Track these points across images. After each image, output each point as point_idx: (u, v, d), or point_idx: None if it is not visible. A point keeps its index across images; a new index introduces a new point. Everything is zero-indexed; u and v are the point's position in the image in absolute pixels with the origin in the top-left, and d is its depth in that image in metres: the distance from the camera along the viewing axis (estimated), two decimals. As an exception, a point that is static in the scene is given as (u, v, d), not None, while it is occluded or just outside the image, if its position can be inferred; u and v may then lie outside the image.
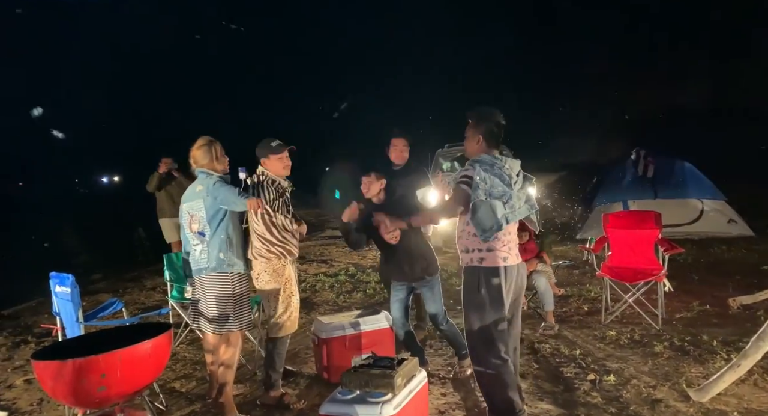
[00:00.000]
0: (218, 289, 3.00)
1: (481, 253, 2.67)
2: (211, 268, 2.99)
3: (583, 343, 4.02)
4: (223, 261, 2.97)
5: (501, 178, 2.66)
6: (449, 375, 3.54)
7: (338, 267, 7.51)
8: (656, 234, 4.63)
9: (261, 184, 3.13)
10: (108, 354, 2.24)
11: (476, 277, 2.68)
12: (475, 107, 2.85)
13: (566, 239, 8.36)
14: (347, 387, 2.55)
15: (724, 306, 4.65)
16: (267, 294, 3.18)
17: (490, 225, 2.61)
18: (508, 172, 2.70)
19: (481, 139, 2.76)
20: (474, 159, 2.74)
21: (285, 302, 3.18)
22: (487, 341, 2.66)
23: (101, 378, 2.23)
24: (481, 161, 2.70)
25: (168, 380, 3.71)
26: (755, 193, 10.04)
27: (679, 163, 8.33)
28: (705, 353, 3.65)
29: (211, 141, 3.13)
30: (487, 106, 2.85)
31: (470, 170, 2.66)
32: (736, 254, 6.89)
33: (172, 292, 4.38)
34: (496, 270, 2.64)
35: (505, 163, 2.73)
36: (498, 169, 2.67)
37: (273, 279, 3.14)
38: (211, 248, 2.98)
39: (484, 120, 2.77)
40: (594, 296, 5.24)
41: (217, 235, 2.98)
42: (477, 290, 2.67)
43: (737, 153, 13.90)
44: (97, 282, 7.19)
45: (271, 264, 3.14)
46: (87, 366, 2.20)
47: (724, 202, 7.92)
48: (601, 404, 3.02)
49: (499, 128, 2.77)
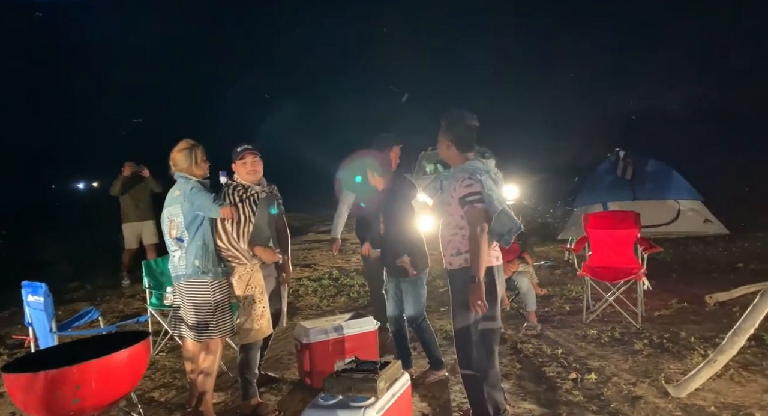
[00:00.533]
0: (197, 296, 2.95)
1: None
2: (187, 275, 2.94)
3: (565, 342, 4.06)
4: (198, 268, 2.92)
5: (495, 182, 2.69)
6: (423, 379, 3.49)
7: (322, 271, 7.47)
8: (635, 234, 4.70)
9: (227, 188, 3.14)
10: (82, 364, 2.18)
11: (454, 280, 2.68)
12: (446, 109, 2.83)
13: (547, 239, 8.44)
14: (330, 392, 2.53)
15: (702, 303, 4.74)
16: (241, 297, 3.14)
17: (508, 228, 2.61)
18: (495, 174, 2.73)
19: (451, 144, 2.74)
20: (465, 168, 2.68)
21: (247, 308, 3.12)
22: (481, 342, 2.66)
23: (75, 389, 2.17)
24: (477, 169, 2.66)
25: (147, 389, 3.63)
26: (730, 193, 10.28)
27: (656, 164, 8.51)
28: (683, 349, 3.71)
29: (193, 145, 3.09)
30: (458, 108, 2.82)
31: (474, 184, 2.60)
32: (712, 253, 7.04)
33: (151, 299, 4.30)
34: (490, 270, 2.66)
35: (487, 164, 2.75)
36: (493, 173, 2.71)
37: (237, 285, 3.12)
38: (188, 255, 2.94)
39: (452, 124, 2.75)
40: (575, 295, 5.29)
41: (195, 241, 2.94)
42: (454, 292, 2.68)
43: (713, 154, 14.24)
44: (74, 291, 7.01)
45: (236, 270, 3.10)
46: (60, 378, 2.14)
47: (701, 202, 8.10)
48: (583, 402, 3.04)
49: (470, 130, 2.75)
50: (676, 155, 10.06)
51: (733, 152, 14.19)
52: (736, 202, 9.74)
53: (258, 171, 3.25)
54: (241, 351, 3.20)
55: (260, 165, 3.25)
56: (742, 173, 12.29)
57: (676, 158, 9.26)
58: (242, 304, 3.12)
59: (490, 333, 2.67)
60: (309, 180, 19.79)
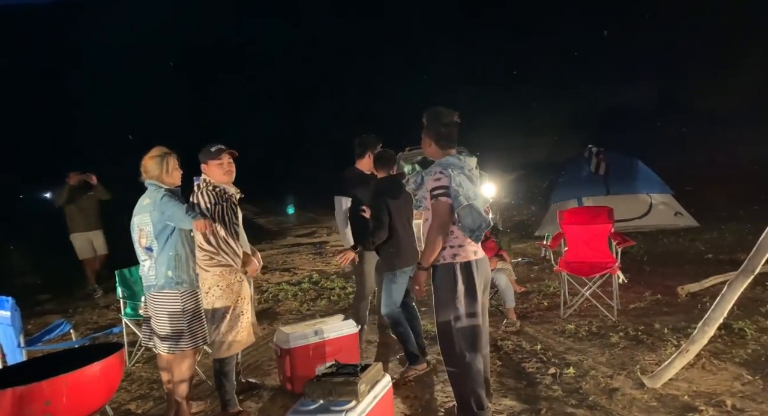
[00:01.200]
0: (168, 306, 2.88)
1: (453, 249, 2.69)
2: (159, 286, 2.87)
3: (543, 338, 4.11)
4: (171, 279, 2.85)
5: (470, 179, 2.71)
6: (407, 376, 3.53)
7: (301, 275, 7.41)
8: (609, 229, 4.79)
9: (200, 190, 3.06)
10: (52, 379, 2.11)
11: (452, 274, 2.68)
12: (429, 108, 2.85)
13: (524, 236, 8.56)
14: (310, 397, 2.50)
15: (674, 295, 4.86)
16: (214, 311, 3.04)
17: (478, 225, 2.64)
18: (470, 170, 2.76)
19: (431, 141, 2.80)
20: (440, 163, 2.73)
21: (233, 320, 3.06)
22: (464, 337, 2.68)
23: (45, 405, 2.10)
24: (450, 164, 2.70)
25: (123, 402, 3.54)
26: (698, 186, 10.59)
27: (628, 160, 8.72)
28: (657, 341, 3.80)
29: (166, 153, 3.00)
30: (439, 106, 2.84)
31: (443, 178, 2.64)
32: (683, 245, 7.23)
33: (126, 309, 4.20)
34: (470, 265, 2.69)
35: (465, 160, 2.77)
36: (467, 170, 2.73)
37: (225, 295, 3.04)
38: (159, 265, 2.86)
39: (431, 122, 2.80)
40: (553, 291, 5.37)
41: (165, 251, 2.86)
42: (453, 287, 2.67)
43: (681, 148, 14.65)
44: (45, 303, 6.81)
45: (225, 279, 3.04)
46: (29, 394, 2.07)
47: (671, 196, 8.33)
48: (562, 397, 3.09)
49: (449, 127, 2.78)
50: (646, 150, 10.33)
51: (701, 146, 14.61)
52: (704, 196, 10.04)
53: (234, 172, 3.19)
54: (216, 363, 3.12)
55: (234, 166, 3.19)
56: (710, 166, 12.67)
57: (646, 153, 9.51)
58: (230, 316, 3.05)
59: (471, 328, 2.69)
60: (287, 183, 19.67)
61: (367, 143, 3.99)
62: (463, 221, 2.63)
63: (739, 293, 2.86)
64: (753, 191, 9.75)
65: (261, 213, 16.32)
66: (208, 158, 3.12)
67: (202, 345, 3.02)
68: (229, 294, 3.05)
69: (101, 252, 6.72)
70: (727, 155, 12.83)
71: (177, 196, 2.96)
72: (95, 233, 6.65)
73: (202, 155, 3.14)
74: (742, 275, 2.83)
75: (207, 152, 3.13)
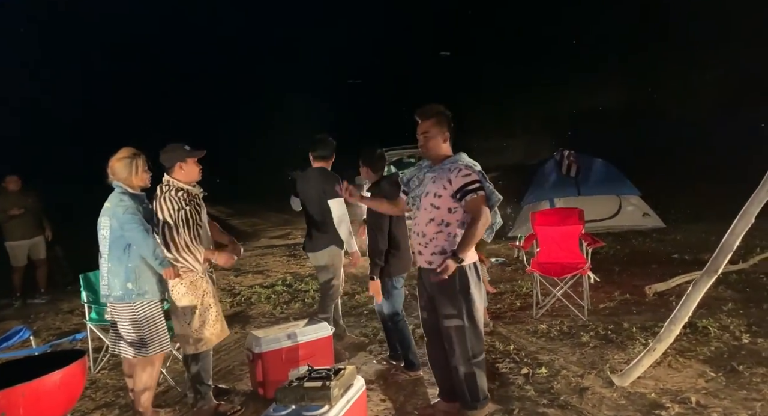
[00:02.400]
0: (131, 315, 2.83)
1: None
2: (117, 297, 2.80)
3: (516, 338, 4.16)
4: (131, 291, 2.80)
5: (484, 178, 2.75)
6: (393, 378, 3.52)
7: (275, 277, 7.31)
8: (579, 230, 4.88)
9: (162, 195, 2.95)
10: (8, 390, 2.02)
11: (464, 276, 2.69)
12: (431, 105, 2.79)
13: (498, 237, 8.64)
14: (282, 402, 2.46)
15: (642, 294, 4.98)
16: (182, 308, 2.99)
17: (493, 222, 2.72)
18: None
19: (448, 138, 2.75)
20: (456, 160, 2.71)
21: (203, 315, 3.03)
22: (479, 334, 2.77)
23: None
24: (468, 162, 2.71)
25: (87, 410, 3.42)
26: (665, 187, 10.91)
27: (597, 161, 8.92)
28: (626, 340, 3.89)
29: (134, 154, 2.92)
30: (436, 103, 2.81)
31: (472, 175, 2.64)
32: (650, 245, 7.42)
33: (91, 314, 4.06)
34: (476, 265, 2.76)
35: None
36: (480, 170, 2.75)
37: (189, 291, 2.99)
38: (114, 276, 2.79)
39: (446, 116, 2.76)
40: (525, 291, 5.44)
41: (123, 262, 2.78)
42: (467, 288, 2.70)
43: (649, 150, 15.08)
44: (4, 308, 6.53)
45: (187, 276, 2.98)
46: (-18, 406, 1.97)
47: (639, 197, 8.55)
48: (534, 396, 3.12)
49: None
50: (615, 152, 10.58)
51: (667, 148, 15.08)
52: (670, 196, 10.36)
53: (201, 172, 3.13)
54: (191, 361, 3.06)
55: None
56: (676, 169, 13.09)
57: (614, 154, 9.74)
58: (198, 311, 3.01)
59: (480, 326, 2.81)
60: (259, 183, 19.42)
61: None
62: (493, 217, 2.70)
63: (703, 293, 2.94)
64: (717, 193, 10.10)
65: (234, 214, 16.09)
66: (188, 156, 3.02)
67: (166, 350, 2.96)
68: (194, 290, 3.00)
69: (41, 257, 6.59)
70: (695, 157, 13.27)
71: (141, 202, 2.89)
72: (35, 239, 6.52)
73: (177, 153, 3.02)
74: (706, 275, 2.92)
75: (183, 151, 3.02)
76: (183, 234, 2.90)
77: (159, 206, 2.95)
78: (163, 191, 3.00)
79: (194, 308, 3.00)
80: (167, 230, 2.91)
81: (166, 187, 3.02)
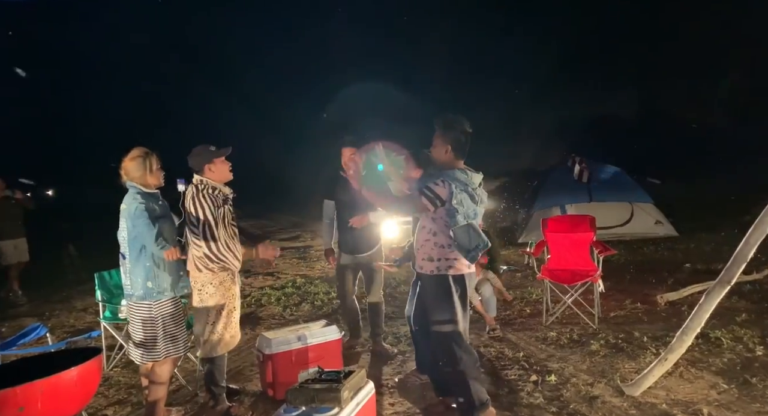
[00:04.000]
0: (145, 315, 2.86)
1: (448, 262, 2.74)
2: (138, 296, 2.84)
3: (525, 345, 4.14)
4: (152, 289, 2.83)
5: (472, 198, 2.72)
6: (404, 382, 3.54)
7: (285, 279, 7.35)
8: (591, 237, 4.86)
9: (200, 194, 2.96)
10: (26, 385, 2.06)
11: (447, 285, 2.74)
12: (441, 113, 2.83)
13: (508, 243, 8.62)
14: (292, 403, 2.48)
15: (653, 303, 4.94)
16: (208, 309, 3.01)
17: (475, 245, 2.65)
18: (473, 188, 2.74)
19: (450, 149, 2.76)
20: (446, 174, 2.72)
21: (228, 317, 3.06)
22: (460, 342, 2.77)
23: (19, 412, 2.05)
24: (456, 178, 2.70)
25: (100, 407, 3.46)
26: (679, 195, 10.81)
27: (610, 168, 8.88)
28: (637, 349, 3.86)
29: (146, 153, 2.94)
30: (454, 113, 2.83)
31: (440, 188, 2.65)
32: (662, 254, 7.36)
33: (105, 313, 4.11)
34: (463, 277, 2.76)
35: (471, 178, 2.76)
36: (471, 188, 2.72)
37: (218, 292, 3.01)
38: (135, 276, 2.82)
39: (451, 128, 2.76)
40: (535, 298, 5.42)
41: (141, 262, 2.82)
42: (449, 297, 2.74)
43: (662, 157, 14.95)
44: (19, 306, 6.64)
45: (217, 276, 2.99)
46: (2, 400, 2.02)
47: (651, 204, 8.49)
48: (543, 404, 3.11)
49: (467, 136, 2.79)
50: (628, 158, 10.52)
51: (680, 156, 14.93)
52: (684, 204, 10.26)
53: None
54: (207, 361, 3.08)
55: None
56: (689, 176, 12.95)
57: (627, 161, 9.69)
58: (224, 313, 3.02)
59: (462, 334, 2.79)
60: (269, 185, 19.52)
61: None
62: (459, 240, 2.64)
63: (716, 303, 2.92)
64: (732, 202, 9.99)
65: (243, 217, 16.19)
66: (214, 157, 3.03)
67: (174, 355, 2.97)
68: (223, 292, 3.02)
69: (24, 259, 6.94)
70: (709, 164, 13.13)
71: (157, 200, 2.92)
72: (20, 240, 6.89)
73: (205, 155, 3.03)
74: (719, 285, 2.90)
75: (210, 151, 3.03)
76: (223, 232, 2.93)
77: (198, 204, 2.92)
78: (199, 189, 2.97)
79: (220, 310, 3.01)
80: (207, 227, 2.90)
81: (201, 185, 2.99)
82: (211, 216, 2.91)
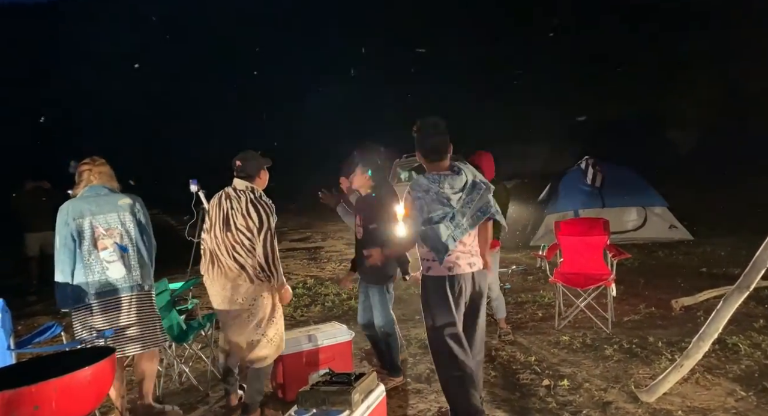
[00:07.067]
0: (145, 306, 3.09)
1: (428, 262, 2.76)
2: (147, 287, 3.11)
3: (538, 349, 4.10)
4: (149, 281, 3.12)
5: (439, 201, 2.65)
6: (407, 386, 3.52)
7: (295, 280, 7.37)
8: (605, 241, 4.80)
9: (261, 201, 2.88)
10: (41, 384, 2.07)
11: (425, 286, 2.78)
12: (420, 118, 2.82)
13: (520, 246, 8.56)
14: (303, 405, 2.48)
15: (668, 308, 4.87)
16: (264, 316, 2.97)
17: (437, 249, 2.67)
18: (447, 192, 2.66)
19: (421, 157, 2.80)
20: (413, 183, 2.77)
21: (280, 319, 3.11)
22: (441, 347, 2.73)
23: (34, 410, 2.06)
24: (416, 186, 2.72)
25: (113, 406, 3.49)
26: (693, 199, 10.65)
27: (623, 171, 8.77)
28: (651, 354, 3.80)
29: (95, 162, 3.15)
30: (432, 116, 2.80)
31: (407, 202, 2.76)
32: (677, 258, 7.26)
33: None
34: (441, 279, 2.72)
35: (444, 180, 2.68)
36: (434, 193, 2.66)
37: (273, 297, 3.03)
38: (143, 269, 3.08)
39: (420, 133, 2.76)
40: (548, 302, 5.37)
41: (142, 255, 3.08)
42: (426, 298, 2.78)
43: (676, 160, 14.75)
44: (33, 304, 6.72)
45: (265, 285, 2.97)
46: (16, 399, 2.02)
47: (666, 208, 8.37)
48: (556, 409, 3.07)
49: (436, 138, 2.72)
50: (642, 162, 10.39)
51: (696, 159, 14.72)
52: (698, 209, 10.10)
53: None
54: (260, 372, 3.02)
55: None
56: (705, 179, 12.76)
57: (641, 164, 9.57)
58: (277, 314, 3.04)
59: (447, 339, 2.70)
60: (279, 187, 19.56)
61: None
62: (426, 243, 2.69)
63: (734, 309, 2.86)
64: (749, 206, 9.82)
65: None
66: (264, 165, 3.02)
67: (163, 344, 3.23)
68: (275, 296, 3.05)
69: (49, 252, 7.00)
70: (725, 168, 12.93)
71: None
72: (48, 233, 6.89)
73: (259, 162, 2.99)
74: (738, 291, 2.84)
75: (260, 159, 3.00)
76: (275, 248, 2.88)
77: (261, 210, 2.84)
78: (256, 195, 2.90)
79: (274, 313, 3.01)
80: (269, 236, 2.82)
81: (257, 192, 2.92)
82: (274, 225, 2.86)
